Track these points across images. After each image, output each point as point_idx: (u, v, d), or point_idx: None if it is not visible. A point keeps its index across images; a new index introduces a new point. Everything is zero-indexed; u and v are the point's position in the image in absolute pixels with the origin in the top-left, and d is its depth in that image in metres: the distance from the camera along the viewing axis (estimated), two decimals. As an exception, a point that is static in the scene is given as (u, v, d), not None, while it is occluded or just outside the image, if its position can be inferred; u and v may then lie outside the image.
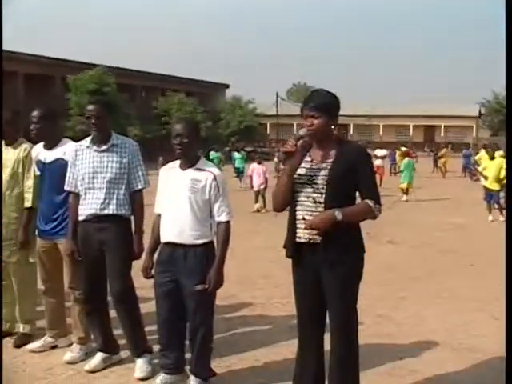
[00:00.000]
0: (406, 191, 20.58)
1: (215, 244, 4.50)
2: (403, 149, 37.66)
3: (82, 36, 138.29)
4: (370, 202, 3.78)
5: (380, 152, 28.15)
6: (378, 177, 24.28)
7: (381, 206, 3.83)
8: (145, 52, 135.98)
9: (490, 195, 15.31)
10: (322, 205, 3.77)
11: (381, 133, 71.22)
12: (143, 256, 4.83)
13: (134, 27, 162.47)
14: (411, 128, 71.72)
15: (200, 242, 4.41)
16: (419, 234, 12.71)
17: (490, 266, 9.03)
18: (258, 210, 17.13)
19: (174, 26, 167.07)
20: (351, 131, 72.83)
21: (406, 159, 21.98)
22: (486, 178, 15.57)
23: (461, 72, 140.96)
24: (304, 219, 3.81)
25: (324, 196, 3.77)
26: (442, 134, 71.18)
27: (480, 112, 71.15)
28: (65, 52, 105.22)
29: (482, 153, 20.19)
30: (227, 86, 66.50)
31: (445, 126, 71.39)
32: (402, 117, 70.00)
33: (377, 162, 25.53)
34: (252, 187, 18.31)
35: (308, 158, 3.88)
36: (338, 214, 3.66)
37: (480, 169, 16.85)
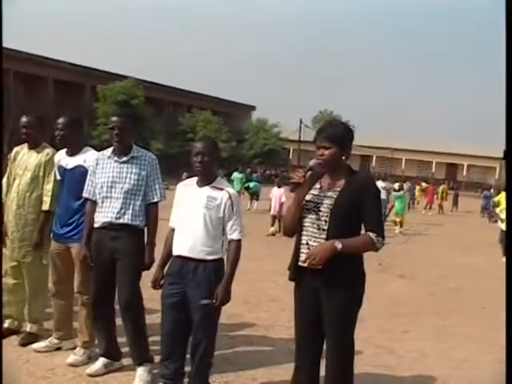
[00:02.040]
0: (400, 224, 20.43)
1: (225, 262, 4.60)
2: (424, 184, 37.76)
3: (113, 46, 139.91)
4: (372, 234, 3.82)
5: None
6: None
7: (384, 239, 3.87)
8: (174, 67, 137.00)
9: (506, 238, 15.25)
10: (325, 232, 3.85)
11: (403, 167, 71.14)
12: (153, 268, 4.94)
13: (165, 42, 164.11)
14: (434, 164, 71.60)
15: (211, 257, 4.50)
16: (431, 270, 12.68)
17: (499, 308, 9.01)
18: (273, 234, 17.15)
19: (205, 43, 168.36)
20: (373, 163, 72.84)
21: (401, 191, 21.78)
22: (502, 220, 15.52)
23: (486, 112, 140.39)
24: (308, 244, 3.90)
25: (328, 224, 3.85)
26: (465, 173, 71.00)
27: (504, 153, 70.71)
28: (96, 61, 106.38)
29: (502, 194, 20.12)
30: (253, 108, 66.90)
31: (468, 165, 71.22)
32: (424, 152, 70.00)
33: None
34: (269, 210, 18.36)
35: (318, 185, 3.98)
36: (338, 244, 3.72)
37: (498, 210, 16.80)
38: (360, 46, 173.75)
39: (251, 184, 26.47)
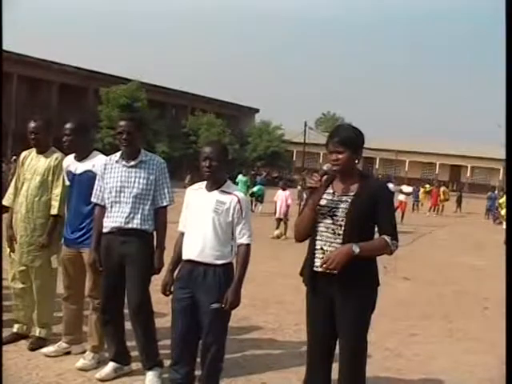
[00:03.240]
0: None
1: (234, 265, 4.60)
2: (427, 186, 37.72)
3: (117, 50, 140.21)
4: (387, 237, 3.84)
5: (406, 188, 28.12)
6: (399, 211, 24.48)
7: (397, 243, 3.89)
8: (177, 71, 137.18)
9: (510, 240, 15.21)
10: (341, 237, 3.86)
11: (406, 169, 71.09)
12: (162, 271, 4.94)
13: (167, 45, 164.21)
14: (437, 166, 71.53)
15: (220, 262, 4.50)
16: (436, 273, 12.70)
17: (503, 310, 9.01)
18: (278, 237, 17.14)
19: (208, 46, 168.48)
20: (377, 165, 72.82)
21: None
22: (508, 222, 15.52)
23: (489, 113, 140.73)
24: (322, 249, 3.91)
25: (343, 228, 3.86)
26: (468, 175, 70.95)
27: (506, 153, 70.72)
28: (98, 64, 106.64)
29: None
30: (257, 111, 66.89)
31: (471, 167, 71.18)
32: (428, 154, 69.93)
33: (400, 197, 25.59)
34: (275, 213, 18.34)
35: (330, 190, 3.98)
36: (356, 248, 3.73)
37: (502, 213, 16.83)
38: (360, 47, 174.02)
39: (255, 188, 26.43)
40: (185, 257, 4.59)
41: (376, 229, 3.95)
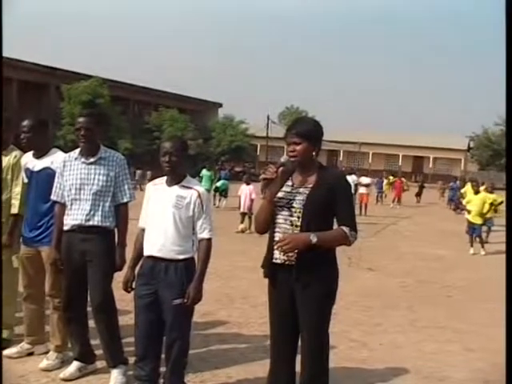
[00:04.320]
0: None
1: (196, 260, 4.59)
2: (391, 178, 38.07)
3: (79, 46, 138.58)
4: (345, 228, 3.87)
5: (365, 180, 28.20)
6: (362, 204, 24.70)
7: (356, 234, 3.91)
8: (140, 66, 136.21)
9: (472, 229, 15.43)
10: (298, 228, 3.87)
11: (370, 160, 71.67)
12: (124, 268, 4.91)
13: (130, 41, 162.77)
14: (400, 157, 72.26)
15: (181, 257, 4.49)
16: (399, 263, 12.83)
17: (468, 299, 9.18)
18: (243, 231, 17.16)
19: (170, 41, 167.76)
20: (341, 157, 73.32)
21: None
22: (469, 211, 15.75)
23: (451, 105, 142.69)
24: None
25: (300, 220, 3.88)
26: (431, 166, 71.82)
27: (469, 146, 71.95)
28: (61, 61, 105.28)
29: (468, 186, 20.40)
30: (220, 105, 66.84)
31: (433, 158, 72.06)
32: (391, 146, 70.63)
33: (361, 190, 25.73)
34: (239, 207, 18.37)
35: (289, 183, 4.00)
36: (313, 238, 3.75)
37: (464, 202, 17.06)
38: (323, 40, 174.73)
39: (219, 183, 26.54)
40: (146, 253, 4.57)
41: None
